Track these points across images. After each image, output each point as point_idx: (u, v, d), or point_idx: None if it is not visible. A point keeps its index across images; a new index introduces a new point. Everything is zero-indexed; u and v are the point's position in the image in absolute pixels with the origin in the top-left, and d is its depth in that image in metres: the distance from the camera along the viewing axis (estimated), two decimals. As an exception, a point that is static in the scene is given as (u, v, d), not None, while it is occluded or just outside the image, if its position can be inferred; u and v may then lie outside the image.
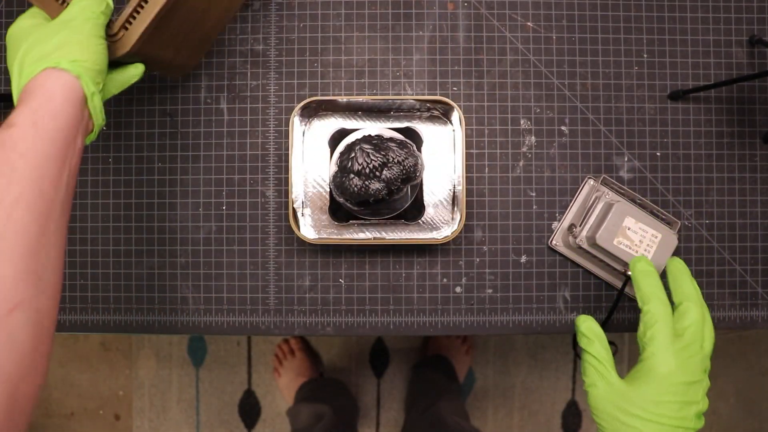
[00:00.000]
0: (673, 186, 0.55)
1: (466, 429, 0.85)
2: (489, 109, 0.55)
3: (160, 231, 0.55)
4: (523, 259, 0.55)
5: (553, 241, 0.54)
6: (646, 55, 0.55)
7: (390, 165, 0.44)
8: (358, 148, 0.44)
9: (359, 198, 0.45)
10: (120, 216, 0.55)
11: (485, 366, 1.28)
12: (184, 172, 0.55)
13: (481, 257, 0.55)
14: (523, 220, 0.55)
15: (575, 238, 0.52)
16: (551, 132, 0.55)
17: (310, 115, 0.52)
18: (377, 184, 0.44)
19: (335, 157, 0.47)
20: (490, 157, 0.55)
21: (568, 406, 1.28)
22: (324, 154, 0.52)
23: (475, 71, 0.55)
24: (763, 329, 0.57)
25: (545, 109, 0.55)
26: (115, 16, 0.43)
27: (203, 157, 0.55)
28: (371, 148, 0.44)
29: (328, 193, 0.52)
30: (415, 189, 0.50)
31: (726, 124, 0.55)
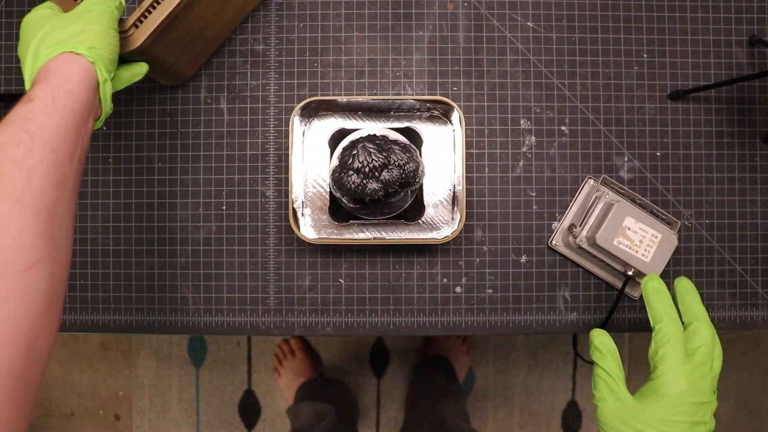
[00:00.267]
0: (673, 186, 0.55)
1: (467, 431, 0.85)
2: (489, 109, 0.55)
3: (160, 231, 0.55)
4: (523, 259, 0.55)
5: (553, 241, 0.54)
6: (646, 55, 0.55)
7: (390, 167, 0.44)
8: (361, 145, 0.44)
9: (355, 196, 0.45)
10: (120, 216, 0.55)
11: (485, 366, 1.28)
12: (184, 172, 0.55)
13: (481, 257, 0.55)
14: (523, 220, 0.55)
15: (575, 238, 0.52)
16: (551, 132, 0.55)
17: (310, 115, 0.52)
18: (375, 185, 0.44)
19: (338, 151, 0.47)
20: (490, 157, 0.55)
21: (568, 406, 1.28)
22: (324, 154, 0.52)
23: (475, 71, 0.55)
24: (763, 329, 0.57)
25: (545, 109, 0.55)
26: (125, 15, 0.44)
27: (203, 157, 0.55)
28: (374, 148, 0.44)
29: (328, 193, 0.52)
30: (415, 190, 0.50)
31: (726, 124, 0.55)
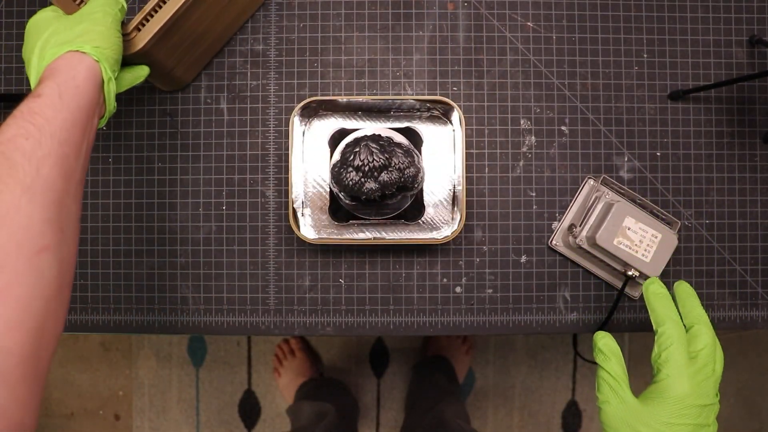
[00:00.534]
0: (673, 186, 0.55)
1: (468, 431, 0.85)
2: (489, 109, 0.55)
3: (160, 231, 0.55)
4: (523, 259, 0.55)
5: (553, 241, 0.54)
6: (646, 55, 0.55)
7: (390, 169, 0.44)
8: (364, 144, 0.44)
9: (352, 193, 0.45)
10: (120, 216, 0.55)
11: (485, 366, 1.28)
12: (184, 172, 0.55)
13: (481, 257, 0.55)
14: (523, 220, 0.55)
15: (575, 238, 0.52)
16: (551, 132, 0.55)
17: (310, 115, 0.52)
18: (372, 184, 0.44)
19: (341, 146, 0.47)
20: (490, 157, 0.55)
21: (568, 406, 1.28)
22: (324, 154, 0.52)
23: (475, 71, 0.55)
24: (763, 329, 0.57)
25: (545, 109, 0.55)
26: (126, 18, 0.45)
27: (203, 157, 0.55)
28: (377, 148, 0.44)
29: (328, 193, 0.52)
30: (413, 195, 0.50)
31: (726, 124, 0.55)
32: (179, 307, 0.55)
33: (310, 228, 0.52)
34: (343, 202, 0.49)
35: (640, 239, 0.50)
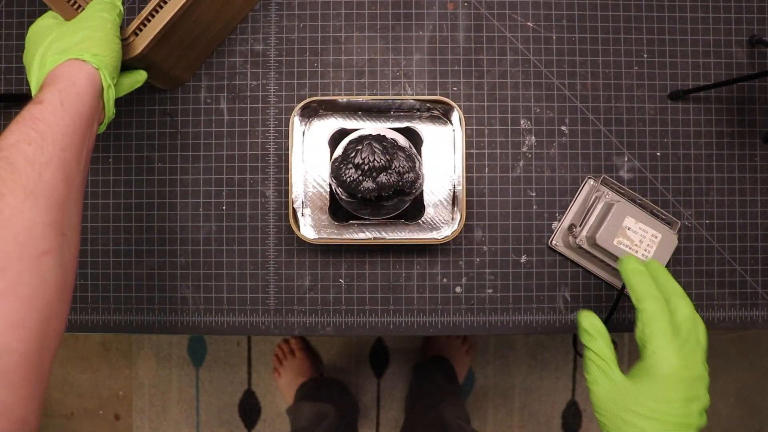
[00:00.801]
0: (673, 186, 0.55)
1: (465, 429, 0.85)
2: (489, 109, 0.55)
3: (160, 231, 0.55)
4: (523, 259, 0.55)
5: (553, 241, 0.54)
6: (646, 55, 0.55)
7: (390, 171, 0.44)
8: (367, 143, 0.44)
9: (349, 190, 0.45)
10: (120, 216, 0.55)
11: (485, 366, 1.28)
12: (184, 172, 0.55)
13: (481, 257, 0.55)
14: (523, 220, 0.55)
15: (575, 238, 0.52)
16: (551, 132, 0.55)
17: (310, 115, 0.52)
18: (370, 184, 0.44)
19: (345, 141, 0.47)
20: (490, 157, 0.55)
21: (568, 406, 1.28)
22: (324, 154, 0.52)
23: (475, 71, 0.55)
24: (763, 329, 0.57)
25: (545, 109, 0.55)
26: (124, 23, 0.44)
27: (203, 157, 0.55)
28: (379, 149, 0.44)
29: (328, 193, 0.52)
30: (409, 200, 0.50)
31: (726, 124, 0.55)
32: (179, 307, 0.55)
33: (310, 228, 0.52)
34: (340, 197, 0.49)
35: (640, 239, 0.50)
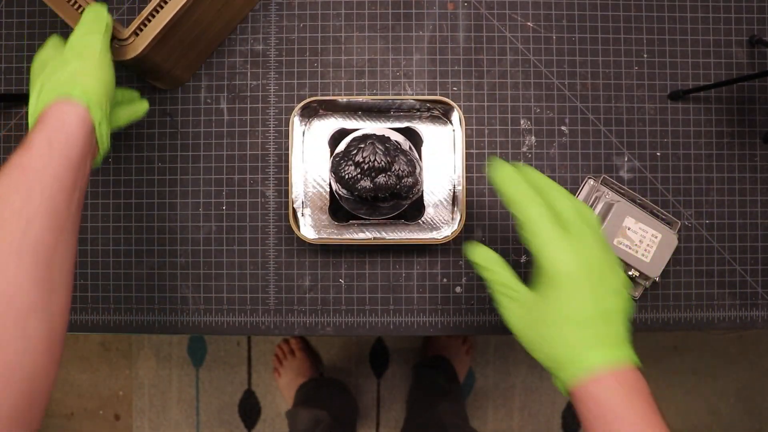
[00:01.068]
0: (673, 186, 0.55)
1: (463, 428, 0.85)
2: (489, 109, 0.55)
3: (160, 231, 0.55)
4: (523, 259, 0.55)
5: (553, 241, 0.54)
6: (646, 55, 0.55)
7: (389, 174, 0.44)
8: (370, 142, 0.44)
9: (346, 186, 0.45)
10: (120, 216, 0.55)
11: (485, 366, 1.28)
12: (184, 172, 0.55)
13: (481, 257, 0.54)
14: (523, 220, 0.54)
15: (575, 238, 0.52)
16: (551, 132, 0.55)
17: (310, 115, 0.52)
18: (367, 183, 0.44)
19: (349, 138, 0.47)
20: (490, 157, 0.55)
21: (569, 406, 1.28)
22: (324, 154, 0.52)
23: (475, 71, 0.55)
24: (763, 329, 0.57)
25: (545, 109, 0.55)
26: (124, 24, 0.44)
27: (203, 157, 0.55)
28: (381, 150, 0.44)
29: (328, 193, 0.52)
30: (406, 204, 0.50)
31: (726, 124, 0.55)
32: (179, 307, 0.55)
33: (310, 228, 0.52)
34: (337, 192, 0.49)
35: (640, 239, 0.50)
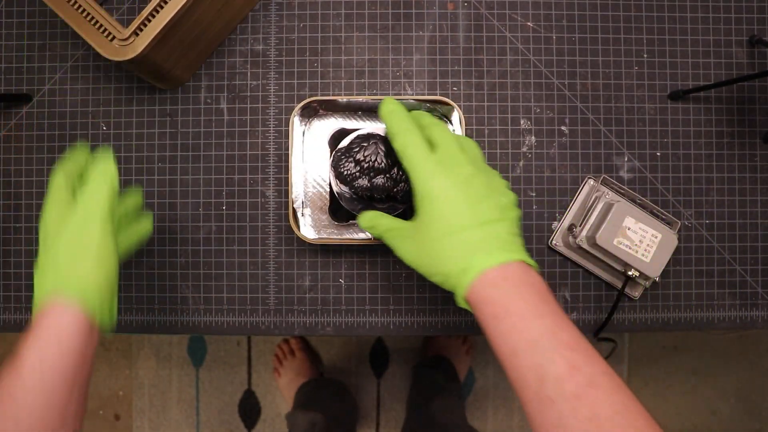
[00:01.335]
0: (673, 186, 0.55)
1: (457, 425, 0.85)
2: (489, 109, 0.55)
3: (160, 231, 0.55)
4: (523, 259, 0.55)
5: (553, 241, 0.54)
6: (646, 55, 0.55)
7: (387, 176, 0.44)
8: (373, 141, 0.44)
9: (343, 181, 0.45)
10: (120, 216, 0.55)
11: (485, 366, 1.28)
12: (184, 172, 0.55)
13: (481, 257, 0.54)
14: (523, 220, 0.55)
15: (575, 238, 0.52)
16: (551, 132, 0.55)
17: (310, 115, 0.52)
18: (365, 182, 0.44)
19: (354, 135, 0.47)
20: (490, 157, 0.55)
21: (568, 406, 1.28)
22: (324, 154, 0.52)
23: (475, 71, 0.55)
24: (763, 329, 0.57)
25: (545, 109, 0.55)
26: (124, 23, 0.44)
27: (203, 157, 0.55)
28: (384, 151, 0.44)
29: (328, 193, 0.52)
30: (401, 208, 0.50)
31: (726, 124, 0.55)
32: (179, 307, 0.55)
33: (310, 228, 0.52)
34: (337, 192, 0.49)
35: (640, 239, 0.50)
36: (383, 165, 0.44)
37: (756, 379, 1.30)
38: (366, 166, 0.43)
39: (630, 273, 0.50)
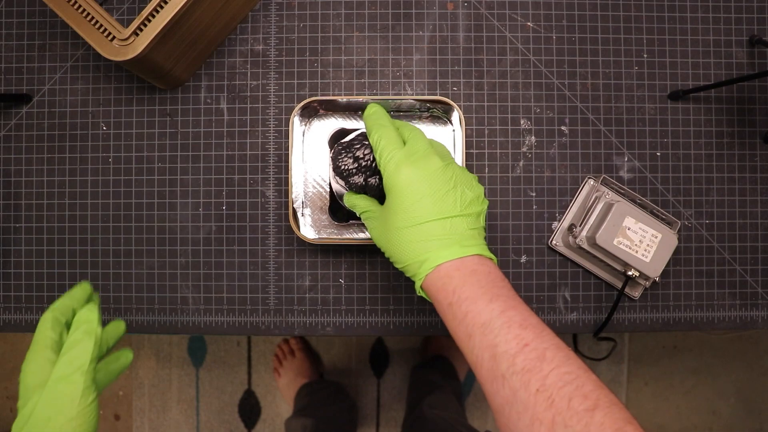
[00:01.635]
0: (673, 186, 0.55)
1: (444, 419, 0.86)
2: (489, 109, 0.55)
3: (160, 231, 0.55)
4: (523, 259, 0.55)
5: (553, 241, 0.54)
6: (646, 55, 0.55)
7: (381, 179, 0.44)
8: None
9: (339, 175, 0.45)
10: (120, 216, 0.55)
11: (485, 366, 1.28)
12: (184, 172, 0.55)
13: (481, 257, 0.54)
14: (523, 220, 0.55)
15: (575, 238, 0.52)
16: (551, 132, 0.55)
17: (310, 115, 0.52)
18: (360, 180, 0.44)
19: (357, 132, 0.47)
20: (490, 157, 0.55)
21: (568, 406, 1.28)
22: (324, 154, 0.52)
23: (475, 71, 0.55)
24: (763, 329, 0.57)
25: (545, 109, 0.55)
26: (124, 23, 0.44)
27: (203, 157, 0.55)
28: None
29: (328, 193, 0.52)
30: None
31: (726, 124, 0.55)
32: (179, 307, 0.55)
33: (310, 228, 0.52)
34: (333, 184, 0.49)
35: (640, 239, 0.50)
36: None
37: (756, 379, 1.30)
38: (363, 164, 0.43)
39: (630, 273, 0.50)
